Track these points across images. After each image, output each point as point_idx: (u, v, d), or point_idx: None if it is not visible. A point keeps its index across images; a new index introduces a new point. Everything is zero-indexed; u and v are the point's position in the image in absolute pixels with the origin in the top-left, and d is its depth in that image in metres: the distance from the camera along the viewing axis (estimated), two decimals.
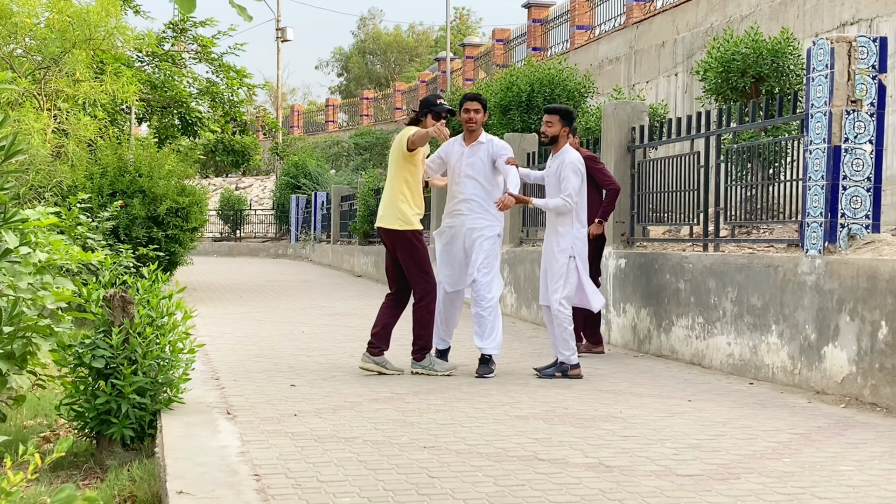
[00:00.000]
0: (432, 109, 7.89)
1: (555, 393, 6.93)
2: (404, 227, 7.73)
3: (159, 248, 13.80)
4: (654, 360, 8.72)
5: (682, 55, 18.53)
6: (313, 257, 30.86)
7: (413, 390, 6.97)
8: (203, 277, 21.10)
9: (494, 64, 31.31)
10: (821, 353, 6.88)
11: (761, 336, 7.54)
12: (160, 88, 19.96)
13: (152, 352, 5.70)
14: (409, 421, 5.82)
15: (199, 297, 15.49)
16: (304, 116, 52.70)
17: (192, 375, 6.41)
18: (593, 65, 22.20)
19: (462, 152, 8.07)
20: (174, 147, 16.38)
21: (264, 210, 39.87)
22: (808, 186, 7.25)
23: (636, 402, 6.60)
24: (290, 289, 18.09)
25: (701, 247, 9.08)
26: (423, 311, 7.76)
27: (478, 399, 6.64)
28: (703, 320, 8.32)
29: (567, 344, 7.61)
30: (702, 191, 8.96)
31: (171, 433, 5.33)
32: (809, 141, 7.25)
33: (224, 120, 21.64)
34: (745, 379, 7.62)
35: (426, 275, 7.77)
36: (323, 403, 6.38)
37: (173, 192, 14.46)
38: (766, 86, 10.55)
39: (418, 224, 7.80)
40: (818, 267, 6.96)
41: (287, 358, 8.62)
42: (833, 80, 7.04)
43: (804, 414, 6.23)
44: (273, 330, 10.91)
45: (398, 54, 62.32)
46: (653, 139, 9.87)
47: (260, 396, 6.62)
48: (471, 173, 7.98)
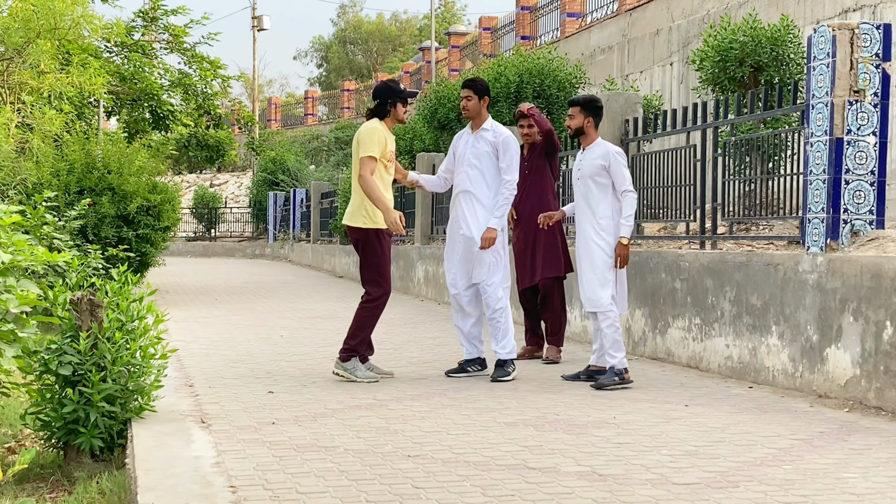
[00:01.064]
0: (400, 97, 7.81)
1: (545, 398, 6.93)
2: (369, 225, 7.68)
3: (129, 249, 13.76)
4: (649, 364, 8.73)
5: (678, 44, 18.57)
6: (292, 257, 30.81)
7: (397, 396, 6.97)
8: (176, 279, 21.04)
9: (481, 53, 31.31)
10: (823, 354, 6.90)
11: (761, 337, 7.56)
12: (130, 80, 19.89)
13: (122, 358, 5.68)
14: (393, 429, 5.81)
15: (171, 300, 15.45)
16: (282, 109, 52.63)
17: (165, 382, 6.39)
18: (585, 54, 22.23)
19: (468, 140, 8.09)
20: (145, 142, 16.31)
21: (240, 208, 39.80)
22: (809, 181, 7.28)
23: (630, 407, 6.61)
24: (267, 290, 18.06)
25: (698, 244, 9.10)
26: (367, 312, 7.71)
27: (465, 405, 6.64)
28: (700, 321, 8.34)
29: (619, 345, 7.47)
30: (698, 186, 8.98)
31: (143, 443, 5.32)
32: (810, 133, 7.28)
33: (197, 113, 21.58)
34: (745, 382, 7.64)
35: (382, 278, 7.71)
36: (302, 411, 6.37)
37: (144, 189, 14.41)
38: (766, 75, 10.58)
39: (384, 223, 7.72)
40: (820, 265, 6.98)
41: (264, 363, 8.61)
42: (835, 70, 7.07)
43: (806, 419, 6.25)
44: (250, 334, 10.89)
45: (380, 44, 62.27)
46: (647, 132, 9.89)
47: (236, 404, 6.60)
48: (474, 162, 7.97)
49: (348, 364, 7.67)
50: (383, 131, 7.72)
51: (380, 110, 7.83)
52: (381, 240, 7.71)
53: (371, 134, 7.67)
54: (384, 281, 7.72)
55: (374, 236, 7.70)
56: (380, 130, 7.69)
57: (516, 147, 8.00)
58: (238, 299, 15.97)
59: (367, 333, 7.74)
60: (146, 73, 20.34)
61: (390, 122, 7.84)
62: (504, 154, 7.93)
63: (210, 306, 14.60)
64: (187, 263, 28.89)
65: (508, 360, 7.84)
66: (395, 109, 7.81)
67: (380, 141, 7.64)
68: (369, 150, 7.62)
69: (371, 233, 7.69)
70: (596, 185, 7.61)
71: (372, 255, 7.72)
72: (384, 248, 7.73)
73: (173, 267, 23.84)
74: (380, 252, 7.71)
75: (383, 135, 7.69)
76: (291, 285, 19.70)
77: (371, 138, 7.65)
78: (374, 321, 7.76)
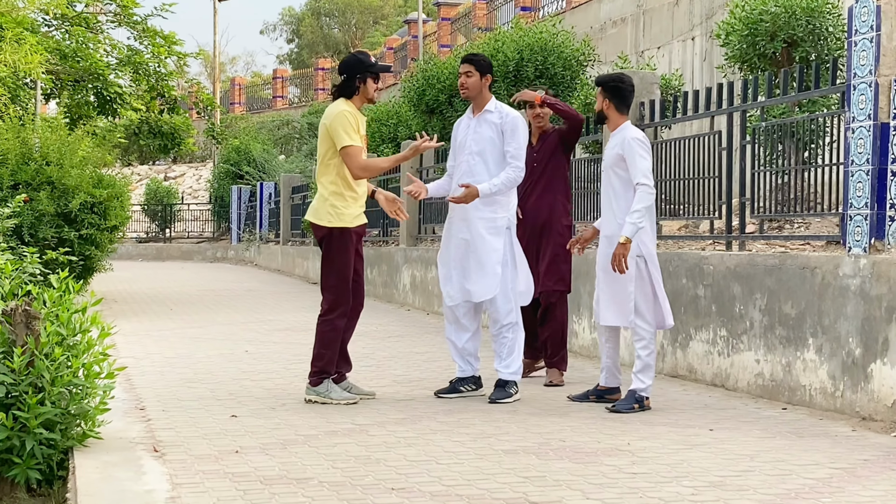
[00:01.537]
0: (370, 71, 7.77)
1: (550, 422, 6.94)
2: (335, 223, 7.66)
3: (71, 252, 13.72)
4: (668, 382, 8.74)
5: (701, 15, 18.60)
6: (259, 261, 30.79)
7: (379, 420, 6.97)
8: (125, 286, 21.02)
9: (476, 27, 31.35)
10: (867, 371, 6.92)
11: (796, 352, 7.58)
12: (71, 58, 19.84)
13: (62, 377, 5.66)
14: (375, 458, 5.81)
15: (120, 311, 15.43)
16: (247, 91, 52.62)
17: (112, 405, 6.37)
18: (594, 28, 22.27)
19: (469, 125, 8.02)
20: (89, 129, 16.29)
21: (199, 204, 39.78)
22: (850, 172, 7.30)
23: (647, 431, 6.62)
24: (230, 299, 18.04)
25: (724, 245, 9.11)
26: (327, 326, 7.70)
27: (457, 430, 6.64)
28: (726, 333, 8.35)
29: (650, 371, 7.42)
30: (724, 178, 9.00)
31: (86, 475, 5.30)
32: (851, 117, 7.30)
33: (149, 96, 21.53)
34: (778, 403, 7.66)
35: (341, 284, 7.69)
36: (270, 437, 6.37)
37: (88, 183, 14.38)
38: (801, 51, 10.60)
39: (354, 221, 7.70)
40: (863, 268, 7.00)
41: (227, 383, 8.60)
42: (879, 45, 7.08)
43: (848, 444, 6.26)
44: (210, 349, 10.88)
45: (360, 16, 62.27)
46: (665, 116, 9.90)
47: (194, 430, 6.59)
48: (476, 150, 7.89)
49: (320, 387, 7.66)
50: (353, 113, 7.70)
51: (347, 87, 7.77)
52: (347, 241, 7.68)
53: (339, 119, 7.64)
54: (343, 287, 7.70)
55: (338, 236, 7.67)
56: (348, 112, 7.66)
57: (525, 130, 7.93)
58: (196, 309, 15.95)
59: (334, 350, 7.73)
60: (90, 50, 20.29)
61: (358, 101, 7.80)
62: (511, 137, 7.81)
63: (164, 317, 14.58)
64: (138, 268, 28.84)
65: (511, 381, 7.84)
66: (364, 86, 7.76)
67: (351, 124, 7.63)
68: (346, 138, 7.59)
69: (336, 233, 7.67)
70: (617, 178, 7.54)
71: (334, 256, 7.69)
72: (349, 251, 7.70)
73: (122, 272, 23.80)
74: (343, 256, 7.68)
75: (354, 117, 7.67)
76: (258, 293, 19.68)
77: (343, 125, 7.62)
78: (339, 335, 7.74)
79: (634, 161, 7.42)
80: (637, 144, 7.46)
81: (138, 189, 40.62)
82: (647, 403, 7.41)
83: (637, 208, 7.32)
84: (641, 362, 7.42)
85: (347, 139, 7.59)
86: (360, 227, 7.77)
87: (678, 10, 19.39)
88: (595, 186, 11.03)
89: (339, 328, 7.74)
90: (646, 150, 7.48)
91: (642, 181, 7.36)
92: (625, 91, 7.67)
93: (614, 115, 7.65)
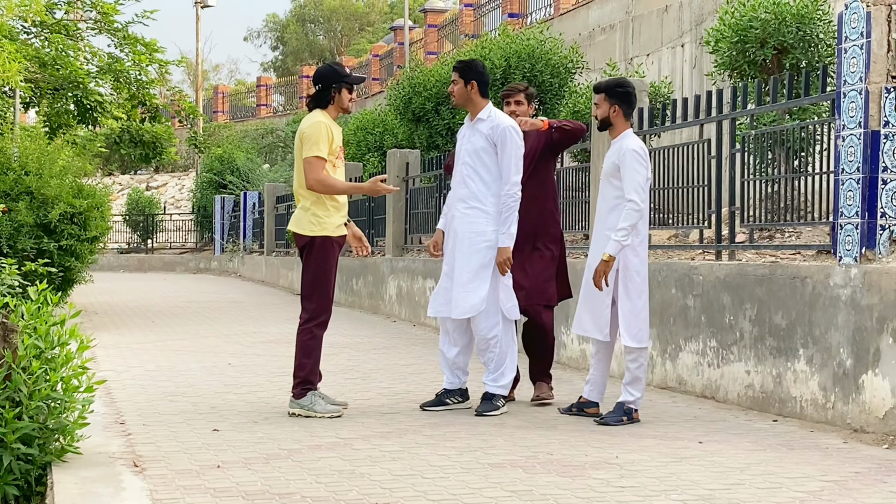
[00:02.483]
0: (345, 81, 7.81)
1: (537, 435, 6.94)
2: (317, 232, 7.72)
3: (51, 263, 13.69)
4: (658, 393, 8.75)
5: (690, 22, 18.66)
6: (243, 272, 30.75)
7: (363, 434, 6.96)
8: (106, 298, 20.97)
9: (462, 34, 31.38)
10: (858, 382, 6.94)
11: (786, 363, 7.60)
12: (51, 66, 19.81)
13: (40, 391, 5.65)
14: (359, 472, 5.81)
15: (100, 323, 15.40)
16: (231, 99, 52.58)
17: (91, 419, 6.36)
18: (582, 34, 22.32)
19: (464, 133, 8.00)
20: (69, 138, 16.29)
21: (182, 214, 39.73)
22: (840, 180, 7.32)
23: (635, 444, 6.63)
24: (213, 311, 18.01)
25: (713, 255, 9.13)
26: (308, 335, 7.74)
27: (443, 444, 6.64)
28: (716, 344, 8.37)
29: (640, 383, 7.43)
30: (713, 187, 9.03)
31: (65, 491, 5.29)
32: (842, 125, 7.33)
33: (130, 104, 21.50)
34: (768, 415, 7.67)
35: (323, 293, 7.74)
36: (253, 452, 6.36)
37: (68, 193, 14.36)
38: (791, 58, 10.65)
39: (336, 231, 7.75)
40: (854, 278, 7.02)
41: (209, 396, 8.59)
42: (870, 52, 7.12)
43: (839, 457, 6.27)
44: (192, 362, 10.86)
45: (345, 22, 62.31)
46: (654, 124, 9.93)
47: (175, 444, 6.58)
48: (468, 159, 7.84)
49: (304, 400, 7.67)
50: (328, 124, 7.73)
51: (322, 98, 7.83)
52: (329, 250, 7.73)
53: (315, 129, 7.68)
54: (324, 296, 7.75)
55: (320, 245, 7.72)
56: (324, 124, 7.70)
57: (516, 142, 7.76)
58: (179, 322, 15.92)
59: (316, 360, 7.76)
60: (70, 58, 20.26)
61: (334, 112, 7.85)
62: (502, 150, 7.73)
63: (145, 330, 14.56)
64: (119, 280, 28.78)
65: (499, 394, 7.84)
66: (339, 96, 7.81)
67: (325, 136, 7.67)
68: (314, 148, 7.65)
69: (318, 241, 7.72)
70: (613, 190, 7.49)
71: (314, 264, 7.74)
72: (331, 260, 7.75)
73: (103, 284, 23.75)
74: (326, 265, 7.73)
75: (329, 128, 7.70)
76: (241, 305, 19.65)
77: (316, 134, 7.67)
78: (319, 344, 7.78)
79: (628, 174, 7.35)
80: (633, 157, 7.37)
81: (119, 199, 40.56)
82: (636, 416, 7.42)
83: (623, 226, 7.27)
84: (630, 374, 7.43)
85: (315, 149, 7.65)
86: (341, 237, 7.81)
87: (667, 16, 19.45)
88: (584, 196, 11.06)
89: (320, 337, 7.78)
90: (641, 163, 7.39)
91: (632, 197, 7.29)
92: (632, 96, 7.63)
93: (620, 122, 7.58)
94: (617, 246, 7.26)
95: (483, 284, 7.71)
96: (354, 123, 22.54)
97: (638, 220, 7.33)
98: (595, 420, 7.44)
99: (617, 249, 7.27)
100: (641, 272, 7.47)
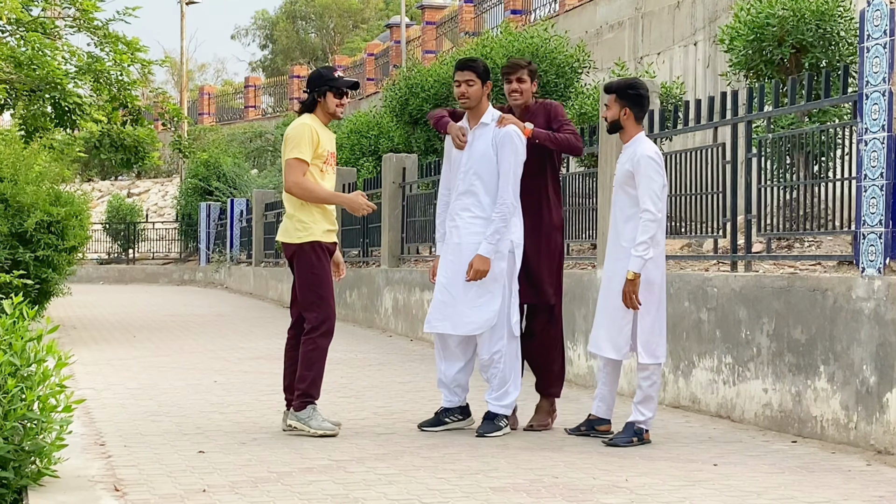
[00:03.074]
0: (330, 86, 7.84)
1: (542, 457, 6.94)
2: (305, 238, 7.77)
3: (26, 275, 13.70)
4: (670, 413, 8.75)
5: (703, 19, 18.69)
6: (230, 283, 30.76)
7: (358, 456, 6.96)
8: (85, 311, 20.97)
9: (462, 31, 31.43)
10: (883, 400, 6.94)
11: (806, 380, 7.60)
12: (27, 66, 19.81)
13: (16, 411, 5.64)
14: (353, 496, 5.80)
15: (79, 338, 15.40)
16: (217, 100, 52.64)
17: (70, 441, 6.36)
18: (589, 32, 22.35)
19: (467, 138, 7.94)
20: (46, 142, 16.30)
21: (165, 223, 39.75)
22: (863, 187, 7.33)
23: (647, 467, 6.62)
24: (199, 325, 18.01)
25: (728, 265, 9.14)
26: (311, 345, 7.77)
27: (442, 466, 6.64)
28: (731, 360, 8.37)
29: (652, 403, 7.41)
30: (728, 193, 9.03)
31: None
32: (864, 129, 7.33)
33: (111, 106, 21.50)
34: (787, 435, 7.67)
35: (321, 300, 7.77)
36: (240, 475, 6.35)
37: (45, 200, 14.36)
38: (810, 58, 10.66)
39: (324, 236, 7.79)
40: (877, 290, 7.02)
41: (194, 416, 8.58)
42: (893, 51, 7.13)
43: (862, 480, 6.27)
44: (176, 380, 10.86)
45: (338, 20, 62.42)
46: (665, 127, 9.94)
47: (158, 467, 6.57)
48: (472, 168, 7.78)
49: (303, 413, 7.70)
50: (314, 127, 7.78)
51: (311, 102, 7.93)
52: (319, 255, 7.79)
53: (298, 131, 7.77)
54: (324, 302, 7.78)
55: (308, 250, 7.77)
56: (308, 126, 7.76)
57: (517, 146, 7.69)
58: (162, 336, 15.92)
59: (318, 372, 7.80)
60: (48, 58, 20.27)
61: (323, 117, 7.90)
62: (502, 156, 7.71)
63: (127, 345, 14.55)
64: (99, 292, 28.78)
65: (502, 414, 7.84)
66: (323, 101, 7.85)
67: (309, 139, 7.72)
68: (295, 150, 7.73)
69: (305, 247, 7.77)
70: (627, 198, 7.47)
71: (308, 273, 7.77)
72: (323, 264, 7.80)
73: (81, 296, 23.76)
74: (318, 269, 7.78)
75: (313, 131, 7.76)
76: (228, 318, 19.65)
77: (298, 136, 7.75)
78: (323, 355, 7.81)
79: (643, 182, 7.33)
80: (648, 163, 7.34)
81: (99, 206, 40.57)
82: (647, 437, 7.41)
83: (643, 240, 7.27)
84: (643, 393, 7.42)
85: (296, 151, 7.72)
86: (331, 243, 7.87)
87: (679, 13, 19.48)
88: (591, 203, 11.06)
89: (324, 348, 7.80)
90: (657, 170, 7.37)
91: (649, 207, 7.28)
92: (644, 99, 7.61)
93: (631, 126, 7.57)
94: (640, 262, 7.26)
95: (495, 299, 7.68)
96: (348, 126, 22.56)
97: (656, 231, 7.33)
98: (603, 441, 7.43)
99: (640, 265, 7.27)
100: (661, 284, 7.48)
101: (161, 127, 33.46)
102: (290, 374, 7.93)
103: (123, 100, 21.56)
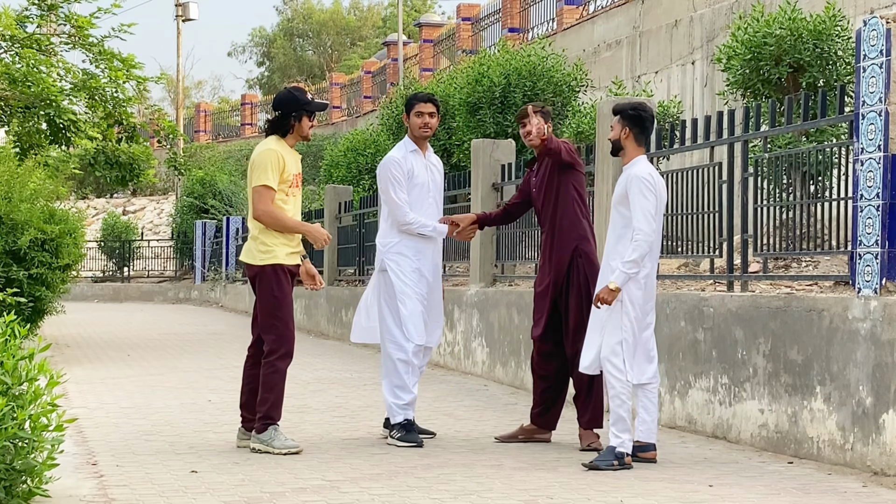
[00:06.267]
0: (306, 109, 7.92)
1: (536, 477, 6.94)
2: (267, 260, 7.83)
3: (20, 293, 13.68)
4: (665, 433, 8.75)
5: (701, 38, 18.74)
6: (225, 302, 30.73)
7: (351, 476, 6.97)
8: (78, 330, 20.95)
9: (460, 49, 31.49)
10: (879, 422, 6.94)
11: (802, 401, 7.60)
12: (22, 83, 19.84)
13: (7, 429, 5.64)
14: None
15: (72, 356, 15.38)
16: (214, 118, 52.70)
17: (61, 460, 6.34)
18: (587, 50, 22.40)
19: (426, 164, 8.37)
20: (41, 159, 16.32)
21: (160, 241, 39.71)
22: (859, 206, 7.35)
23: (641, 488, 6.63)
24: (193, 344, 18.00)
25: (725, 285, 9.15)
26: (271, 368, 7.87)
27: (436, 486, 6.64)
28: (728, 381, 8.38)
29: (624, 423, 7.28)
30: (725, 213, 9.04)
31: None
32: (860, 148, 7.36)
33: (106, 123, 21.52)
34: (783, 456, 7.68)
35: (281, 322, 7.87)
36: (233, 495, 6.36)
37: (39, 218, 14.38)
38: (807, 77, 10.69)
39: (287, 259, 7.88)
40: (874, 311, 7.04)
41: (188, 435, 8.59)
42: (890, 71, 7.15)
43: (858, 501, 6.28)
44: (170, 398, 10.86)
45: (336, 37, 62.53)
46: (663, 147, 9.96)
47: (150, 486, 6.58)
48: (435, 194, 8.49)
49: (264, 434, 7.80)
50: (280, 152, 7.86)
51: (282, 125, 7.95)
52: (281, 278, 7.85)
53: (264, 157, 7.84)
54: (283, 326, 7.88)
55: (270, 272, 7.84)
56: (275, 152, 7.84)
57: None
58: (156, 355, 15.91)
59: (279, 394, 7.90)
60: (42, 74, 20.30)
61: (292, 140, 7.99)
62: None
63: (121, 364, 14.54)
64: (94, 310, 28.76)
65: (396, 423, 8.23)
66: (298, 124, 7.93)
67: (275, 165, 7.80)
68: (262, 176, 7.79)
69: (268, 270, 7.84)
70: (621, 218, 7.52)
71: (269, 296, 7.86)
72: (283, 288, 7.87)
73: (76, 315, 23.73)
74: (278, 293, 7.84)
75: (279, 156, 7.83)
76: (224, 337, 19.64)
77: (264, 162, 7.81)
78: (283, 377, 7.92)
79: (634, 201, 7.38)
80: (639, 183, 7.38)
81: (94, 224, 40.55)
82: (628, 461, 7.32)
83: (632, 258, 7.30)
84: (613, 414, 7.38)
85: (264, 178, 7.79)
86: (294, 266, 7.94)
87: (677, 32, 19.53)
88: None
89: (283, 371, 7.91)
90: (651, 190, 7.39)
91: (641, 227, 7.31)
92: (647, 121, 7.65)
93: (632, 147, 7.59)
94: (624, 277, 7.29)
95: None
96: (345, 144, 22.57)
97: (647, 251, 7.34)
98: (584, 464, 7.33)
99: (623, 280, 7.29)
100: (642, 306, 7.43)
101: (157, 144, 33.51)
102: (248, 391, 8.04)
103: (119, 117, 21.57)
